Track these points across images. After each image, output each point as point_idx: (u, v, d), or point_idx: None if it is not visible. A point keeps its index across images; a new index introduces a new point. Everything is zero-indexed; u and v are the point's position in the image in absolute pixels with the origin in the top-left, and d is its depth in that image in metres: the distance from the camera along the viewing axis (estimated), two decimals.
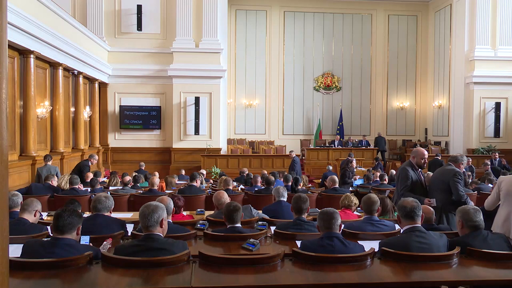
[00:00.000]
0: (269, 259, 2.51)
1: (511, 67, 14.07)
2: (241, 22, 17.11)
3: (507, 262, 2.65)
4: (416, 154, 4.76)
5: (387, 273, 2.50)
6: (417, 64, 17.90)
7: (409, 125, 17.81)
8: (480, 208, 3.14)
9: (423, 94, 17.89)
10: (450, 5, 15.71)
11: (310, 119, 17.43)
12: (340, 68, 17.63)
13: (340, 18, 17.50)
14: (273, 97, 17.36)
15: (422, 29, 17.77)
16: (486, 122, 14.20)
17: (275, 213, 4.43)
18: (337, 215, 2.86)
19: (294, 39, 17.38)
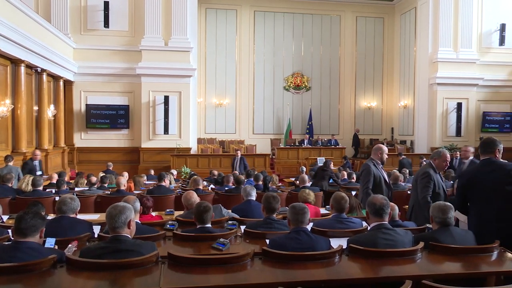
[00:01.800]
0: (239, 258, 2.51)
1: (471, 69, 14.65)
2: (211, 21, 17.02)
3: (469, 256, 2.75)
4: (377, 151, 4.83)
5: (354, 269, 2.55)
6: (383, 65, 18.36)
7: (376, 125, 18.24)
8: None
9: (389, 94, 18.37)
10: (415, 8, 16.20)
11: (280, 118, 17.56)
12: (309, 68, 17.84)
13: (310, 18, 17.71)
14: (244, 96, 17.37)
15: (389, 31, 18.24)
16: (449, 122, 14.73)
17: (245, 213, 4.43)
18: (307, 209, 2.92)
19: (264, 38, 17.46)
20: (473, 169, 3.64)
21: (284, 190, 7.27)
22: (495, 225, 3.20)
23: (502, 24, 14.70)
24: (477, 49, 14.78)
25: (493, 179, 3.29)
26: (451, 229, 3.00)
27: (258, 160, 13.41)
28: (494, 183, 3.28)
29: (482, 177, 3.35)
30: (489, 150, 3.41)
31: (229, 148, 15.49)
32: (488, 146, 3.42)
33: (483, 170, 3.39)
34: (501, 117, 15.04)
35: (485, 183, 3.32)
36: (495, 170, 3.32)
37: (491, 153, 3.39)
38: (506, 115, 15.07)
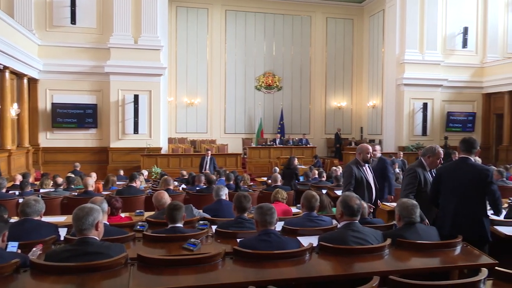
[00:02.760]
0: (210, 258, 2.51)
1: (436, 70, 15.13)
2: (182, 20, 16.85)
3: (434, 251, 2.85)
4: (361, 150, 4.81)
5: (324, 266, 2.59)
6: (353, 66, 18.70)
7: (346, 124, 18.56)
8: None
9: (358, 95, 18.74)
10: (383, 11, 16.58)
11: (252, 118, 17.59)
12: (281, 68, 17.96)
13: (281, 18, 17.83)
14: (215, 95, 17.30)
15: (358, 32, 18.59)
16: (415, 121, 15.16)
17: (216, 212, 4.42)
18: (274, 209, 2.92)
19: (236, 38, 17.44)
20: (450, 164, 3.73)
21: (256, 190, 7.29)
22: (453, 219, 3.44)
23: (465, 27, 15.26)
24: (441, 51, 15.28)
25: (465, 178, 3.48)
26: (416, 226, 3.10)
27: (229, 160, 13.38)
28: (464, 181, 3.47)
29: (454, 172, 3.54)
30: (470, 149, 3.57)
31: (200, 148, 15.39)
32: (470, 145, 3.57)
33: (458, 168, 3.57)
34: (464, 117, 15.61)
35: (457, 180, 3.51)
36: (467, 169, 3.50)
37: (470, 153, 3.56)
38: (469, 115, 15.66)
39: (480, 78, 15.60)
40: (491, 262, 2.63)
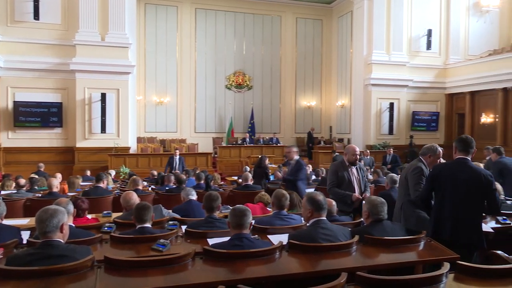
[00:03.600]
0: (179, 258, 2.48)
1: (402, 71, 15.55)
2: (150, 17, 16.58)
3: (399, 247, 2.93)
4: (347, 151, 4.79)
5: (294, 264, 2.62)
6: (322, 66, 18.96)
7: (316, 123, 18.79)
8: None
9: (328, 94, 19.01)
10: (351, 12, 16.88)
11: (222, 117, 17.53)
12: (251, 67, 17.98)
13: (251, 18, 17.85)
14: (185, 94, 17.12)
15: (327, 33, 18.86)
16: (382, 121, 15.54)
17: (186, 212, 4.38)
18: (249, 212, 2.91)
19: (206, 37, 17.32)
20: (446, 164, 3.56)
21: (226, 189, 7.28)
22: (450, 222, 3.30)
23: (429, 29, 15.76)
24: (407, 52, 15.71)
25: (462, 179, 3.31)
26: (383, 223, 3.18)
27: (200, 159, 13.29)
28: (462, 183, 3.31)
29: (453, 174, 3.37)
30: (467, 149, 3.39)
31: (170, 147, 15.19)
32: (468, 145, 3.39)
33: (455, 168, 3.38)
34: (428, 117, 16.13)
35: (454, 181, 3.35)
36: (467, 172, 3.32)
37: (468, 153, 3.39)
38: (433, 114, 16.20)
39: (443, 79, 16.17)
40: (453, 256, 2.73)
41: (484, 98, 14.92)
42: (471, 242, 3.28)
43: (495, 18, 16.43)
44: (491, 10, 16.23)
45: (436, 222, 3.42)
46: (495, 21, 16.45)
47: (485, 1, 16.10)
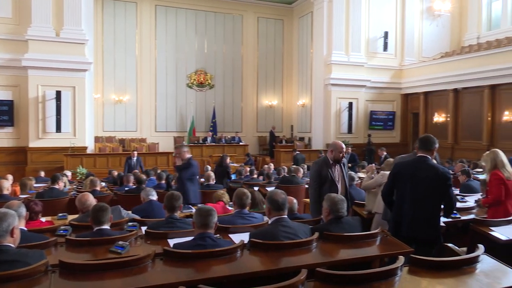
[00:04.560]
0: (139, 260, 2.43)
1: (360, 71, 15.99)
2: (109, 13, 16.10)
3: (357, 242, 3.02)
4: (333, 148, 4.42)
5: (256, 262, 2.63)
6: (283, 65, 19.15)
7: (277, 122, 18.95)
8: None
9: (289, 94, 19.23)
10: (311, 13, 17.16)
11: (184, 116, 17.32)
12: (213, 65, 17.88)
13: (212, 16, 17.74)
14: (145, 92, 16.77)
15: (288, 33, 19.07)
16: (341, 120, 15.91)
17: (146, 213, 4.30)
18: (214, 212, 2.90)
19: (167, 34, 17.04)
20: (408, 163, 3.61)
21: None
22: (410, 219, 3.39)
23: (385, 32, 16.29)
24: (365, 53, 16.17)
25: (421, 177, 3.39)
26: (342, 220, 3.26)
27: (160, 159, 13.08)
28: (421, 181, 3.38)
29: (413, 172, 3.43)
30: (428, 148, 3.48)
31: (129, 147, 14.83)
32: (428, 143, 3.48)
33: (415, 166, 3.46)
34: (385, 116, 16.69)
35: (413, 178, 3.41)
36: (427, 169, 3.40)
37: (428, 151, 3.47)
38: (389, 114, 16.77)
39: (399, 80, 16.77)
40: (407, 250, 2.85)
41: (437, 98, 15.63)
42: (429, 238, 3.37)
43: (446, 22, 17.23)
44: (442, 14, 17.00)
45: (396, 218, 3.51)
46: (447, 24, 17.25)
47: (437, 6, 16.85)
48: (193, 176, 5.84)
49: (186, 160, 5.79)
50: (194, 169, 5.87)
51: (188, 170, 5.77)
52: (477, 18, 16.68)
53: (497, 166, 3.96)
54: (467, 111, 14.37)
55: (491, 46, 14.50)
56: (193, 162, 5.89)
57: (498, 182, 3.88)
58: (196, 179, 5.97)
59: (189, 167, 5.79)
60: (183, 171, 5.78)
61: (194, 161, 6.01)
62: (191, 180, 5.81)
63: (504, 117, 12.97)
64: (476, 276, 2.40)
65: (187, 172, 5.77)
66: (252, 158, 14.21)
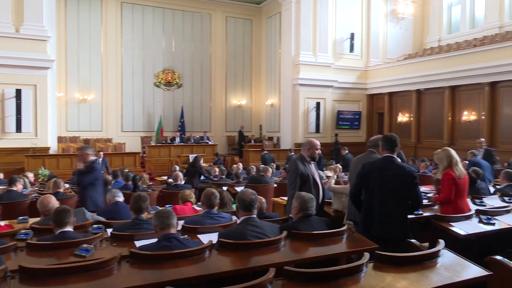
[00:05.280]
0: (104, 263, 2.37)
1: (327, 72, 16.25)
2: (72, 9, 15.61)
3: (325, 240, 3.06)
4: (310, 146, 4.33)
5: (224, 262, 2.63)
6: (252, 65, 19.19)
7: (246, 122, 18.97)
8: None
9: (257, 93, 19.29)
10: (279, 13, 17.27)
11: (151, 115, 17.04)
12: (180, 65, 17.69)
13: (180, 15, 17.55)
14: (111, 91, 16.38)
15: (256, 33, 19.12)
16: (309, 119, 16.12)
17: (112, 215, 4.20)
18: (173, 214, 2.86)
19: (133, 32, 16.71)
20: (375, 163, 3.64)
21: (156, 189, 7.10)
22: (378, 218, 3.45)
23: (351, 33, 16.63)
24: (332, 54, 16.44)
25: (389, 176, 3.44)
26: (311, 218, 3.30)
27: (127, 159, 12.84)
28: (388, 180, 3.44)
29: (380, 172, 3.48)
30: (393, 148, 3.54)
31: (95, 147, 14.44)
32: (393, 143, 3.54)
33: (382, 166, 3.51)
34: (352, 116, 17.04)
35: (381, 178, 3.46)
36: (394, 169, 3.46)
37: (393, 151, 3.54)
38: (355, 113, 17.13)
39: (365, 80, 17.17)
40: (373, 246, 2.92)
41: (401, 99, 16.11)
42: (398, 237, 3.44)
43: (409, 24, 17.78)
44: (406, 17, 17.54)
45: (365, 218, 3.56)
46: (410, 27, 17.81)
47: (401, 9, 17.36)
48: (96, 181, 5.31)
49: (89, 163, 5.28)
50: (97, 173, 5.36)
51: (90, 175, 5.25)
52: (438, 22, 17.31)
53: (451, 164, 4.09)
54: (429, 111, 14.89)
55: (451, 49, 15.10)
56: (96, 165, 5.36)
57: (450, 182, 4.00)
58: (99, 184, 5.42)
59: (91, 171, 5.25)
60: (84, 176, 5.25)
61: (97, 164, 5.50)
62: (93, 186, 5.28)
63: (463, 117, 13.53)
64: (437, 270, 2.50)
65: (90, 177, 5.25)
66: (221, 158, 14.15)
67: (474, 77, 12.85)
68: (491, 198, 4.99)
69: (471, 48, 13.55)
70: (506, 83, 12.19)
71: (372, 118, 17.51)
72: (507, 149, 11.60)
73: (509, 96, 12.26)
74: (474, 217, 3.95)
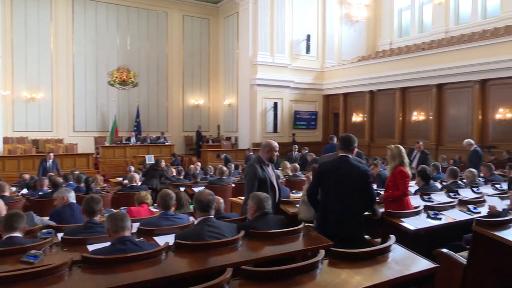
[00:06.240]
0: (54, 269, 2.27)
1: (284, 72, 16.46)
2: (19, 4, 14.82)
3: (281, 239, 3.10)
4: (269, 148, 4.16)
5: (181, 264, 2.59)
6: (209, 65, 19.07)
7: (204, 122, 18.83)
8: None
9: (215, 93, 19.20)
10: (237, 13, 17.28)
11: (105, 115, 16.52)
12: (136, 63, 17.27)
13: (135, 12, 17.14)
14: (62, 90, 15.71)
15: (214, 32, 19.02)
16: (267, 119, 16.26)
17: (64, 218, 4.03)
18: (127, 216, 2.79)
19: (85, 29, 16.12)
20: (331, 163, 3.66)
21: (110, 191, 6.89)
22: (334, 217, 3.49)
23: (308, 35, 16.94)
24: (289, 55, 16.67)
25: (344, 176, 3.49)
26: (267, 217, 3.33)
27: (80, 160, 12.39)
28: (343, 179, 3.48)
29: (336, 171, 3.53)
30: (349, 147, 3.59)
31: (44, 148, 13.83)
32: (348, 143, 3.59)
33: (338, 165, 3.56)
34: (308, 116, 17.35)
35: (336, 177, 3.50)
36: (349, 168, 3.51)
37: (349, 151, 3.59)
38: (312, 113, 17.47)
39: (321, 81, 17.54)
40: (328, 243, 2.98)
41: (355, 100, 16.61)
42: (353, 235, 3.51)
43: (363, 27, 18.36)
44: (359, 20, 18.10)
45: (322, 217, 3.62)
46: (363, 30, 18.40)
47: (355, 12, 17.89)
48: None
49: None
50: None
51: None
52: (389, 26, 18.02)
53: (403, 163, 4.26)
54: (382, 111, 15.46)
55: (402, 52, 15.77)
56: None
57: (404, 179, 4.17)
58: None
59: None
60: None
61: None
62: None
63: (413, 117, 14.16)
64: (389, 264, 2.59)
65: None
66: (178, 158, 13.98)
67: (422, 79, 13.50)
68: (438, 194, 5.24)
69: (419, 51, 14.22)
70: (452, 85, 12.90)
71: (328, 118, 17.92)
72: (453, 148, 12.27)
73: (455, 97, 12.98)
74: (422, 212, 4.14)
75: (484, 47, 11.73)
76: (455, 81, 12.65)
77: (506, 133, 11.47)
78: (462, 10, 15.43)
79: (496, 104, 11.85)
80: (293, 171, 8.49)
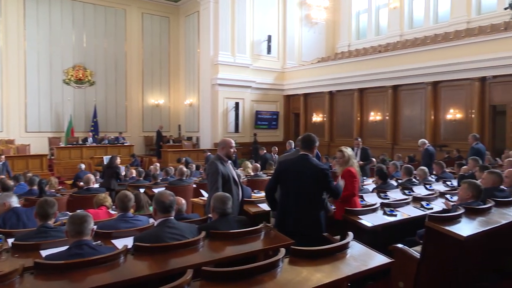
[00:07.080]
0: (4, 277, 2.15)
1: (246, 72, 16.49)
2: None
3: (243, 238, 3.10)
4: (224, 145, 4.29)
5: (140, 267, 2.54)
6: (170, 64, 18.79)
7: (164, 122, 18.53)
8: None
9: (176, 93, 18.95)
10: (197, 12, 17.13)
11: (60, 114, 15.88)
12: (93, 61, 16.73)
13: (92, 9, 16.59)
14: (12, 88, 14.95)
15: (174, 31, 18.76)
16: (229, 119, 16.23)
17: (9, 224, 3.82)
18: (90, 218, 2.70)
19: (38, 25, 15.42)
20: (290, 161, 3.74)
21: (65, 194, 6.64)
22: (293, 215, 3.54)
23: (269, 35, 17.07)
24: (250, 55, 16.72)
25: (303, 174, 3.55)
26: (228, 217, 3.33)
27: (33, 162, 11.86)
28: (302, 177, 3.55)
29: (295, 169, 3.60)
30: (308, 146, 3.68)
31: None
32: (309, 142, 3.69)
33: (298, 164, 3.62)
34: (270, 116, 17.48)
35: (295, 176, 3.57)
36: (308, 167, 3.57)
37: (309, 150, 3.67)
38: (273, 113, 17.61)
39: (282, 82, 17.72)
40: (288, 242, 3.02)
41: (315, 100, 16.91)
42: (311, 233, 3.56)
43: (322, 29, 18.73)
44: (319, 22, 18.46)
45: (281, 214, 3.66)
46: (323, 32, 18.77)
47: (314, 14, 18.22)
48: None
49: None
50: None
51: None
52: (347, 28, 18.49)
53: (350, 162, 4.36)
54: (341, 111, 15.84)
55: (359, 54, 16.22)
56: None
57: (352, 179, 4.27)
58: None
59: None
60: None
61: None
62: None
63: (370, 117, 14.61)
64: (347, 261, 2.66)
65: None
66: (138, 159, 13.69)
67: (379, 81, 13.96)
68: (394, 191, 5.44)
69: (376, 54, 14.68)
70: (406, 86, 13.42)
71: (289, 118, 18.13)
72: (408, 147, 12.76)
73: (409, 98, 13.51)
74: (379, 209, 4.28)
75: (436, 51, 12.30)
76: (409, 82, 13.17)
77: (456, 132, 12.07)
78: (415, 15, 16.08)
79: (447, 105, 12.45)
80: (254, 171, 8.53)
